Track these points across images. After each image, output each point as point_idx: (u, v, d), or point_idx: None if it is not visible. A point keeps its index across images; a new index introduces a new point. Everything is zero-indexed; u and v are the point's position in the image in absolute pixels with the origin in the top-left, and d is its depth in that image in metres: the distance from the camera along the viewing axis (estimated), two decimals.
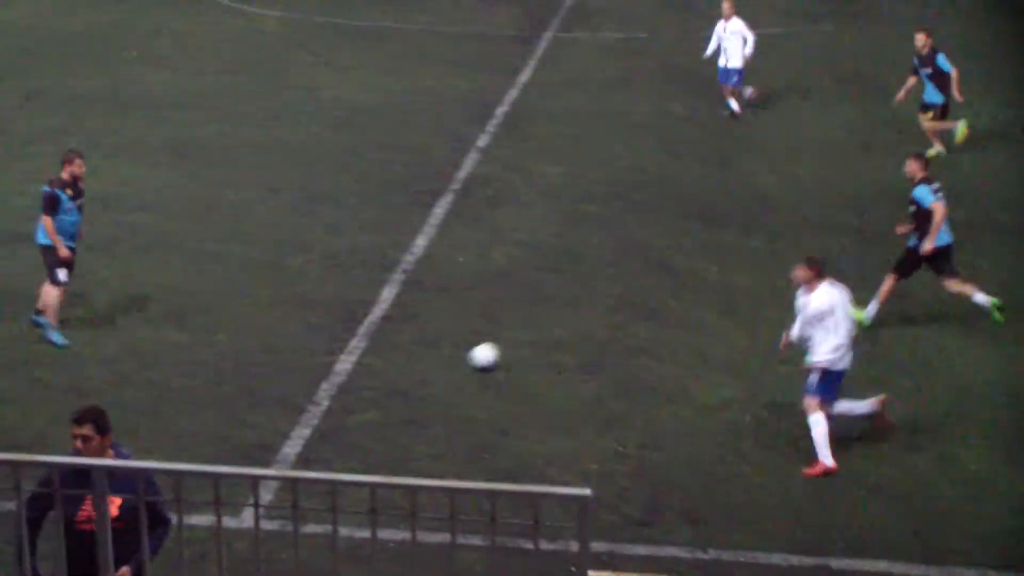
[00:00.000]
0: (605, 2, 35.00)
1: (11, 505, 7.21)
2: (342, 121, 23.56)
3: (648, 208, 19.22)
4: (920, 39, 21.24)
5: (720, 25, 23.93)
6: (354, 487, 7.18)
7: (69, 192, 14.10)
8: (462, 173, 20.65)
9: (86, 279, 15.21)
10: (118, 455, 7.98)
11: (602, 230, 18.32)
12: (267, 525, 10.46)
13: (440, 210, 18.89)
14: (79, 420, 7.96)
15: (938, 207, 14.78)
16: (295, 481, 7.40)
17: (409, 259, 17.01)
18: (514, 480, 11.33)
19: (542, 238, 18.03)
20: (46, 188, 14.14)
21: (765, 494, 11.67)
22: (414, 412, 13.00)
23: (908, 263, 15.17)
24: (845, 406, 12.38)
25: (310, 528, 9.92)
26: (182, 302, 15.50)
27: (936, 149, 20.90)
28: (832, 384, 12.14)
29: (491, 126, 23.24)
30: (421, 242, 17.56)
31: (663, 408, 13.20)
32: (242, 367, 13.90)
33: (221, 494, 6.97)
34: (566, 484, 10.54)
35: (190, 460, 8.01)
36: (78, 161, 14.19)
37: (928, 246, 14.85)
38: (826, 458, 12.00)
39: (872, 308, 15.13)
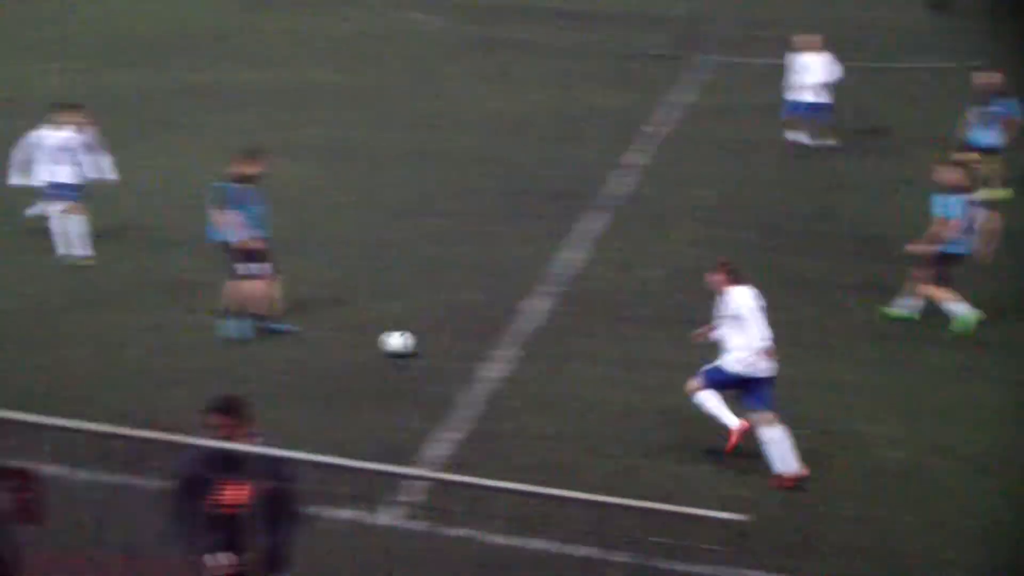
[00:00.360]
0: (765, 29, 34.68)
1: (162, 484, 7.30)
2: (498, 132, 23.66)
3: (803, 238, 18.89)
4: (990, 79, 20.62)
5: (803, 57, 23.19)
6: (498, 494, 7.12)
7: (251, 187, 14.36)
8: (617, 191, 20.52)
9: None
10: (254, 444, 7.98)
11: (754, 257, 17.97)
12: (409, 524, 10.41)
13: (595, 226, 18.77)
14: (217, 408, 8.01)
15: (938, 221, 15.06)
16: (440, 483, 7.37)
17: (562, 273, 16.93)
18: (662, 502, 11.11)
19: (693, 261, 17.74)
20: (226, 184, 14.35)
21: (920, 534, 11.29)
22: (561, 425, 12.87)
23: (938, 271, 15.35)
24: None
25: (452, 531, 9.83)
26: (335, 301, 15.61)
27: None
28: (727, 383, 12.10)
29: (648, 146, 23.09)
30: (574, 257, 17.44)
31: (818, 440, 12.87)
32: (396, 368, 13.93)
33: (366, 490, 6.96)
34: (716, 509, 10.30)
35: (339, 455, 8.02)
36: (262, 159, 14.49)
37: (914, 247, 15.43)
38: (730, 420, 12.05)
39: (962, 309, 15.19)
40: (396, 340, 14.15)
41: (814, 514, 11.54)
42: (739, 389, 12.10)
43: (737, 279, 12.38)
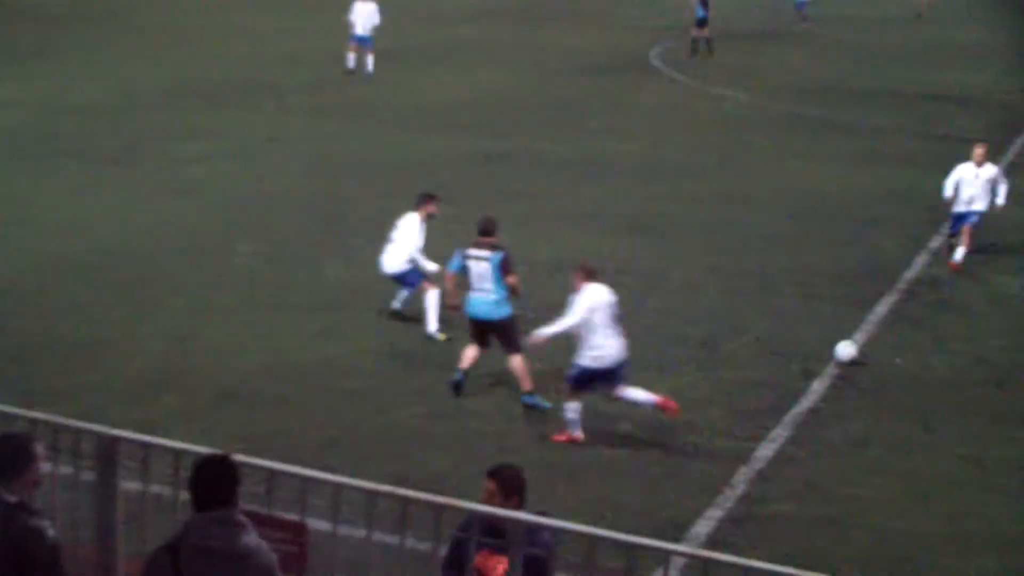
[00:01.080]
0: None
1: (424, 546, 7.50)
2: (795, 210, 23.43)
3: None
4: None
5: (968, 169, 21.54)
6: None
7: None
8: (910, 274, 20.02)
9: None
10: None
11: None
12: None
13: (882, 309, 18.34)
14: (489, 474, 8.12)
15: None
16: (706, 562, 7.34)
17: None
18: None
19: (991, 352, 17.12)
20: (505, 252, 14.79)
21: None
22: (833, 511, 12.56)
23: None
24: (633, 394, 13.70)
25: None
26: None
27: None
28: (593, 381, 13.56)
29: (947, 229, 22.42)
30: (858, 339, 17.06)
31: None
32: (664, 442, 13.90)
33: (629, 564, 6.99)
34: None
35: (605, 528, 8.08)
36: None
37: None
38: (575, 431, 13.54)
39: None
40: (846, 348, 14.90)
41: None
42: (598, 382, 13.55)
43: (593, 277, 13.58)
